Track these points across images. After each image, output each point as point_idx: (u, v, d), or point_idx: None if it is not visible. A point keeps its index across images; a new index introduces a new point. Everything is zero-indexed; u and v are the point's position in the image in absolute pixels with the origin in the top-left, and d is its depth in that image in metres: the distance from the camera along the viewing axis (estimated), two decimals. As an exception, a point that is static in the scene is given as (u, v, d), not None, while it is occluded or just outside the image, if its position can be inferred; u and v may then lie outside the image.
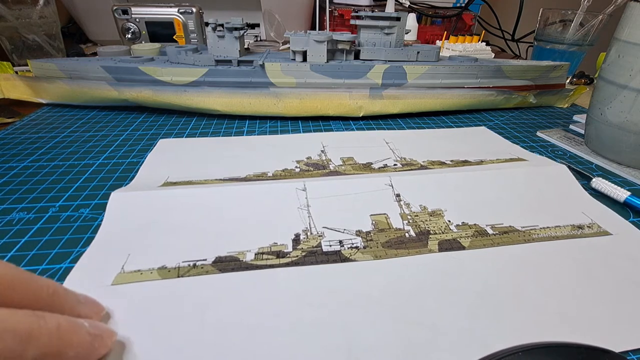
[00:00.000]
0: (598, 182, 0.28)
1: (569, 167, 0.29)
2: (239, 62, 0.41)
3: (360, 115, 0.41)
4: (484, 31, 0.80)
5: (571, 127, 0.41)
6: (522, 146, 0.36)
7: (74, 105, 0.43)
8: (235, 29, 0.39)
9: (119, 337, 0.16)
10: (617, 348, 0.16)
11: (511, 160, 0.31)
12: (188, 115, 0.42)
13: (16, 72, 0.44)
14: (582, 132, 0.38)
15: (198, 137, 0.36)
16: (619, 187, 0.27)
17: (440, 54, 0.47)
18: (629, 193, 0.26)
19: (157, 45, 0.50)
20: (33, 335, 0.12)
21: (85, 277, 0.19)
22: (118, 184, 0.27)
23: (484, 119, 0.43)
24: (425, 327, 0.17)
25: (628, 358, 0.16)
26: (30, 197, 0.26)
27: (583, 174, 0.29)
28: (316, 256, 0.21)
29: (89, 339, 0.14)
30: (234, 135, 0.37)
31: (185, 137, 0.36)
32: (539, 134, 0.39)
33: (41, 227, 0.23)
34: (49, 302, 0.14)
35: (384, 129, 0.39)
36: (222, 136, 0.36)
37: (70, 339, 0.13)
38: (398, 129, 0.39)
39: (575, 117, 0.44)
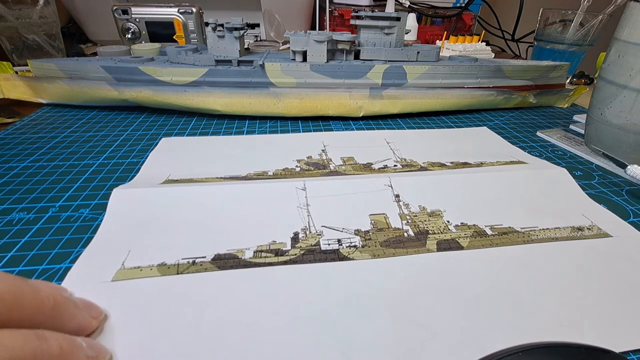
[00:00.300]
0: (634, 169, 0.28)
1: (604, 155, 0.29)
2: (239, 62, 0.41)
3: (360, 115, 0.41)
4: (484, 31, 0.80)
5: (571, 127, 0.41)
6: (522, 146, 0.36)
7: (74, 105, 0.43)
8: (235, 29, 0.39)
9: (118, 333, 0.16)
10: (617, 348, 0.16)
11: (511, 162, 0.31)
12: (188, 115, 0.42)
13: (16, 72, 0.44)
14: (582, 132, 0.38)
15: (198, 137, 0.36)
16: None
17: (440, 54, 0.46)
18: None
19: (157, 45, 0.50)
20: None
21: (86, 273, 0.19)
22: (118, 184, 0.27)
23: (484, 119, 0.43)
24: (422, 327, 0.17)
25: (628, 358, 0.16)
26: (30, 197, 0.26)
27: (618, 161, 0.30)
28: (314, 255, 0.21)
29: None
30: (234, 135, 0.37)
31: (186, 137, 0.36)
32: (539, 134, 0.39)
33: (41, 227, 0.23)
34: (50, 315, 0.14)
35: (384, 129, 0.39)
36: (222, 136, 0.36)
37: None
38: (398, 129, 0.39)
39: (575, 117, 0.44)
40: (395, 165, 0.31)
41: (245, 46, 0.46)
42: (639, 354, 0.16)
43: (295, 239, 0.22)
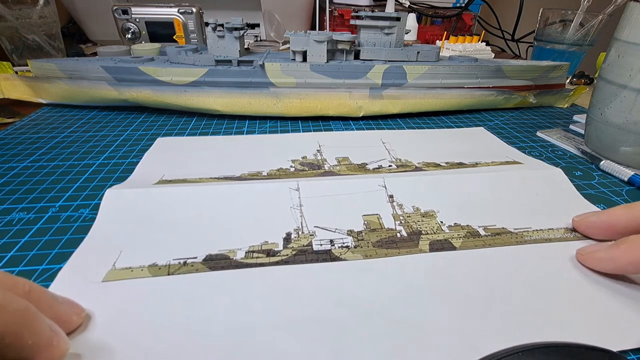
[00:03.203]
0: (606, 164, 0.31)
1: (581, 151, 0.31)
2: (239, 62, 0.41)
3: (360, 115, 0.41)
4: (484, 31, 0.80)
5: (571, 127, 0.41)
6: (522, 146, 0.36)
7: (74, 105, 0.43)
8: (235, 29, 0.39)
9: (108, 334, 0.16)
10: (616, 348, 0.16)
11: (507, 163, 0.31)
12: (188, 115, 0.42)
13: (16, 72, 0.44)
14: (582, 132, 0.38)
15: (194, 137, 0.36)
16: (624, 167, 0.30)
17: (440, 54, 0.46)
18: (633, 172, 0.29)
19: (157, 45, 0.50)
20: None
21: (77, 273, 0.19)
22: (118, 184, 0.27)
23: (484, 119, 0.43)
24: (414, 327, 0.17)
25: (628, 358, 0.16)
26: (30, 197, 0.26)
27: (594, 156, 0.31)
28: (306, 255, 0.21)
29: (50, 334, 0.13)
30: (231, 135, 0.37)
31: (181, 137, 0.36)
32: (539, 134, 0.39)
33: (41, 227, 0.23)
34: (25, 298, 0.13)
35: (383, 129, 0.39)
36: (217, 136, 0.36)
37: (33, 326, 0.13)
38: (398, 129, 0.39)
39: (575, 117, 0.44)
40: (390, 166, 0.31)
41: (245, 46, 0.46)
42: (639, 354, 0.16)
43: (287, 239, 0.22)
